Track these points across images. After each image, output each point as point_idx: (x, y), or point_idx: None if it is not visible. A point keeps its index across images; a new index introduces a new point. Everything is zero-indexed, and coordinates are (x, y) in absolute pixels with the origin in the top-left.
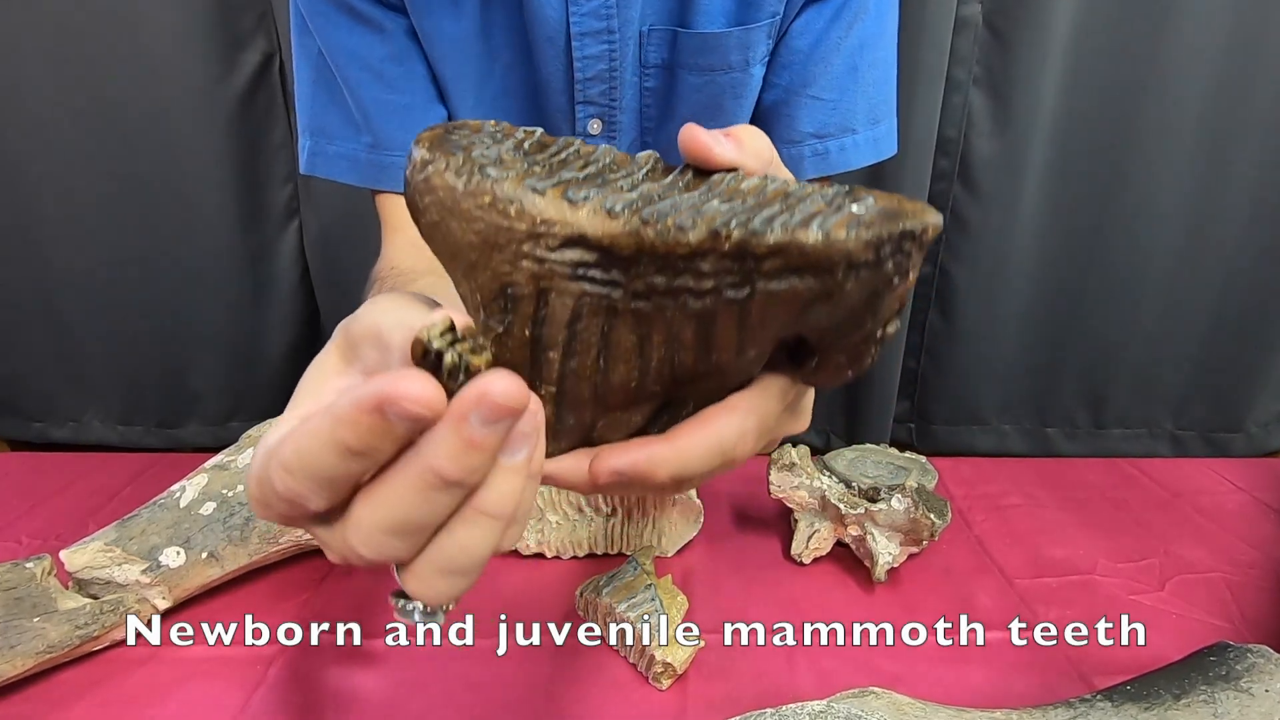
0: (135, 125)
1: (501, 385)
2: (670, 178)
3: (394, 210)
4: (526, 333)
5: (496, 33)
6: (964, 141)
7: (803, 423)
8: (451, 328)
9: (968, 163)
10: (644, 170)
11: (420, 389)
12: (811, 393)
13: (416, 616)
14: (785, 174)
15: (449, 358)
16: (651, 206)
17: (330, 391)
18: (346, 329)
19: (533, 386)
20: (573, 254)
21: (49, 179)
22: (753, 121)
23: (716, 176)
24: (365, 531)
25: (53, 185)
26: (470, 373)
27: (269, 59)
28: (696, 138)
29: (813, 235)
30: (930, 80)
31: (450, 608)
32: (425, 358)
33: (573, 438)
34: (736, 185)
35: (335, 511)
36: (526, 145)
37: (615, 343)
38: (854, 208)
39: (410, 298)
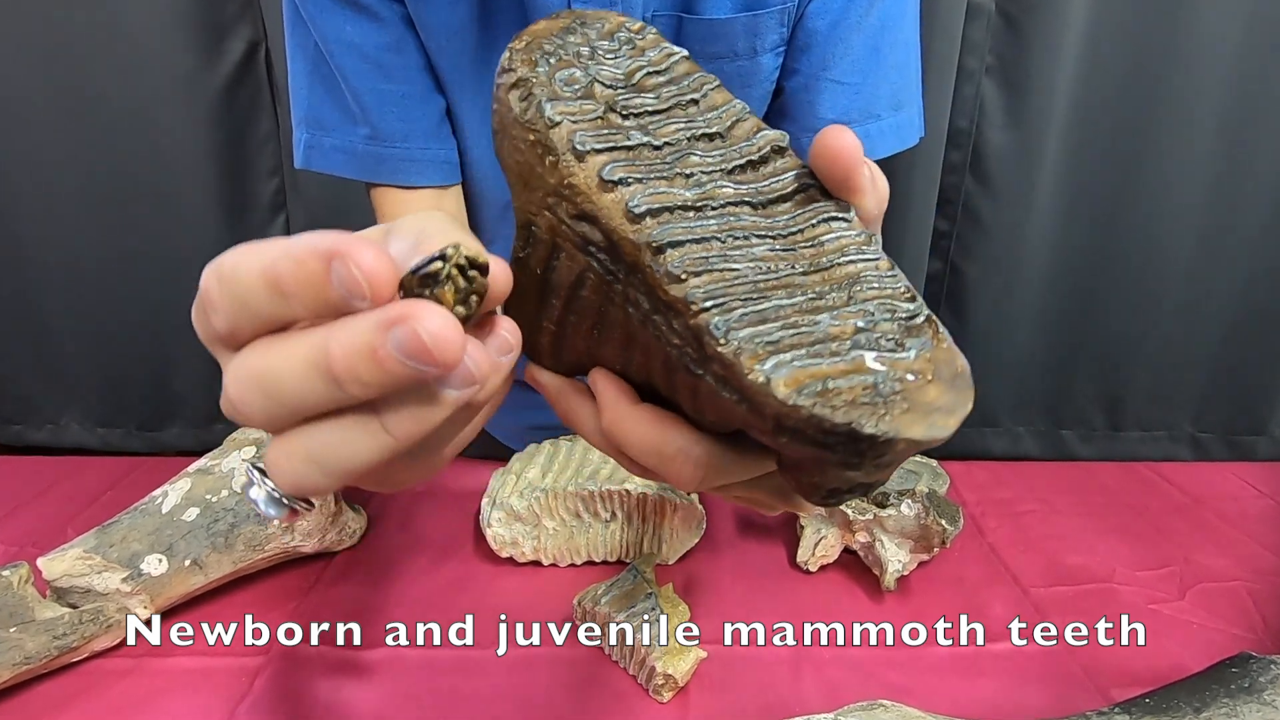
0: (116, 116)
1: (436, 324)
2: (773, 167)
3: (389, 204)
4: (539, 271)
5: (496, 20)
6: (976, 133)
7: (793, 507)
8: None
9: (980, 155)
10: (746, 152)
11: (376, 263)
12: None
13: (260, 497)
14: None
15: (476, 282)
16: (666, 227)
17: None
18: (388, 225)
19: (538, 316)
20: (584, 229)
21: (26, 172)
22: (772, 109)
23: (806, 212)
24: (237, 369)
25: (30, 179)
26: (476, 299)
27: (254, 47)
28: (845, 145)
29: (756, 371)
30: (941, 70)
31: (301, 509)
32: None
33: (570, 363)
34: (818, 241)
35: (232, 344)
36: (638, 76)
37: (610, 323)
38: (872, 361)
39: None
